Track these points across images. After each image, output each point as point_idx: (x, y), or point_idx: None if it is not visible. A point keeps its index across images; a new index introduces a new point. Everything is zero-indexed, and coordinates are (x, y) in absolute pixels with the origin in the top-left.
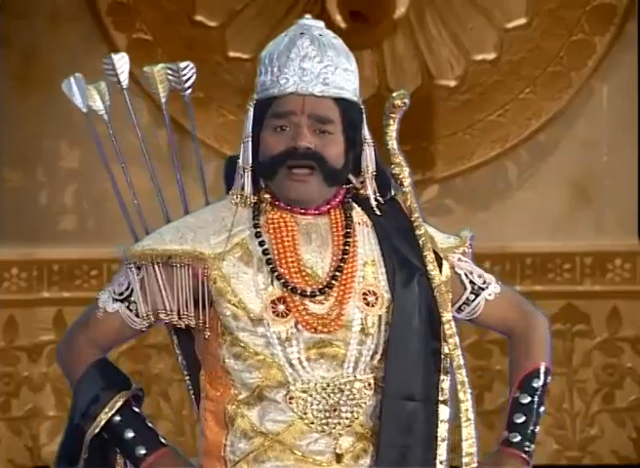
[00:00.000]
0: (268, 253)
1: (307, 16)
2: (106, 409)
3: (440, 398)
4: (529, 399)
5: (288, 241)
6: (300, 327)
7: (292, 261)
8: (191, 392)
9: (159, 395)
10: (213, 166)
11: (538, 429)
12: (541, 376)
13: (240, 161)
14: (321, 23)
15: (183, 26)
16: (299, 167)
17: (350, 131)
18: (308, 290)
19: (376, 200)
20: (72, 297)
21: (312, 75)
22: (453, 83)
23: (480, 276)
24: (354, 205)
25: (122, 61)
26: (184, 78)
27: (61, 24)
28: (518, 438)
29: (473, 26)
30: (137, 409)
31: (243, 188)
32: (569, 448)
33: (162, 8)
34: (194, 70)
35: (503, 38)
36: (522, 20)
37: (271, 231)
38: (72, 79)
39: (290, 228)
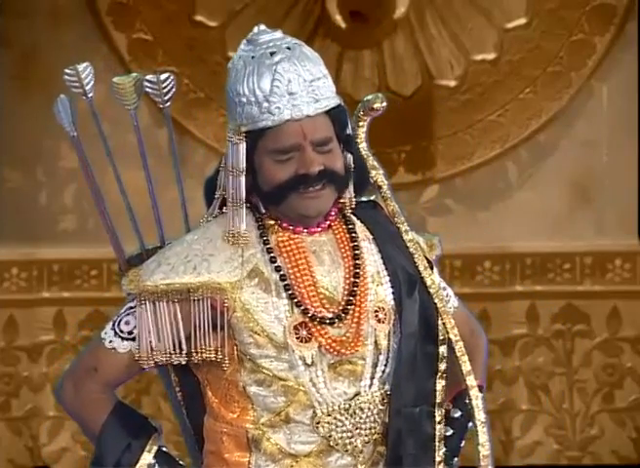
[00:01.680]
0: (286, 279)
1: (262, 26)
2: (144, 456)
3: (437, 400)
4: (459, 413)
5: (302, 264)
6: (323, 350)
7: (309, 285)
8: (186, 417)
9: (159, 395)
10: (213, 166)
11: (463, 443)
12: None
13: (231, 196)
14: (279, 32)
15: (183, 26)
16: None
17: (343, 134)
18: (327, 316)
19: (356, 201)
20: (72, 297)
21: (302, 97)
22: (453, 83)
23: (444, 288)
24: (355, 219)
25: (87, 72)
26: (165, 90)
27: (61, 24)
28: (444, 450)
29: (473, 26)
30: (166, 450)
31: (239, 225)
32: (569, 448)
33: (162, 8)
34: (174, 82)
35: (503, 38)
36: (522, 20)
37: (284, 254)
38: (58, 101)
39: (302, 250)
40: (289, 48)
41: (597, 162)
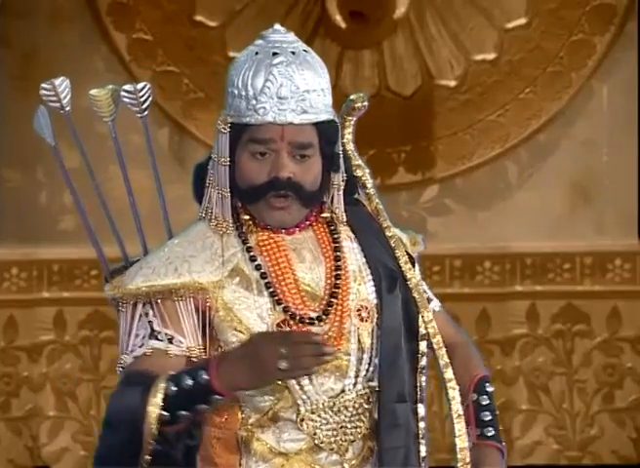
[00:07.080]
0: (266, 277)
1: (277, 26)
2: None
3: (419, 396)
4: (488, 401)
5: (283, 262)
6: None
7: (290, 283)
8: None
9: None
10: None
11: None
12: (490, 382)
13: (216, 185)
14: (291, 35)
15: (183, 26)
16: (278, 196)
17: (328, 149)
18: (308, 315)
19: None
20: (72, 297)
21: (290, 104)
22: (453, 83)
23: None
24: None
25: (63, 86)
26: (142, 99)
27: (61, 24)
28: (492, 432)
29: (473, 26)
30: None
31: (221, 213)
32: (569, 448)
33: (162, 8)
34: (151, 91)
35: (503, 38)
36: (522, 20)
37: (264, 253)
38: (39, 112)
39: (282, 248)
40: (293, 53)
41: (597, 162)
